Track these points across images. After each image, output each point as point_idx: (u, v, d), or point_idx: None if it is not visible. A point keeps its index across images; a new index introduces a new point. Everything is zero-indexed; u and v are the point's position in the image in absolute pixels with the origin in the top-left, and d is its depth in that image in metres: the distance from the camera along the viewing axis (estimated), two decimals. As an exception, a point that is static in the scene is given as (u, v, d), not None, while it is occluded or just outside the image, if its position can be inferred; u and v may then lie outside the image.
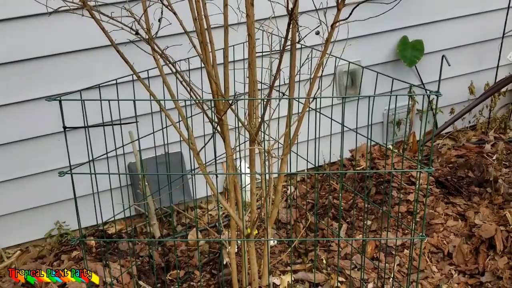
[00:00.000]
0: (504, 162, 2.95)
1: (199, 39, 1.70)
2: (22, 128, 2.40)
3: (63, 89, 2.24)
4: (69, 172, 1.67)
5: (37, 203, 2.58)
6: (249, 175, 2.03)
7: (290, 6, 1.50)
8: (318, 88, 1.74)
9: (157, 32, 1.62)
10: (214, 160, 2.11)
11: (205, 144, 1.82)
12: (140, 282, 2.27)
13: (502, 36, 3.29)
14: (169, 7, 1.61)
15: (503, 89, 3.36)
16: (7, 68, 2.28)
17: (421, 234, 1.83)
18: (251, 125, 1.82)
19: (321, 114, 2.12)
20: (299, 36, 1.65)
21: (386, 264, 2.33)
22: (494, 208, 2.59)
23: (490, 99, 3.38)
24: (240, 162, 2.47)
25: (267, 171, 1.84)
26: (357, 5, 1.52)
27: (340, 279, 2.28)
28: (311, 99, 1.78)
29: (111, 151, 1.90)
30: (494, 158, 2.99)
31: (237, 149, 2.13)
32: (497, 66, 3.36)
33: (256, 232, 2.58)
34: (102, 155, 1.85)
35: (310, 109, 1.98)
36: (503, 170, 2.87)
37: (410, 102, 3.13)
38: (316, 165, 2.38)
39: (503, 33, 3.28)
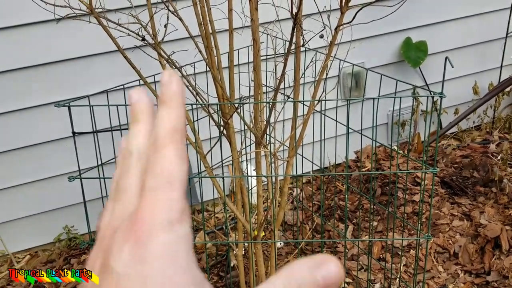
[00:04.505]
0: (509, 162, 2.96)
1: (205, 44, 1.73)
2: (31, 134, 2.43)
3: (71, 95, 2.27)
4: (79, 176, 1.69)
5: (46, 208, 2.61)
6: (255, 177, 2.05)
7: (294, 10, 1.52)
8: (323, 90, 1.76)
9: (163, 38, 1.64)
10: (220, 163, 2.13)
11: (212, 148, 1.84)
12: (149, 285, 2.28)
13: (505, 36, 3.30)
14: (175, 13, 1.64)
15: (507, 89, 3.37)
16: (15, 75, 2.32)
17: (427, 234, 1.85)
18: (256, 128, 1.84)
19: (326, 116, 2.14)
20: (303, 40, 1.67)
21: (393, 265, 2.35)
22: (500, 207, 2.60)
23: (495, 99, 3.39)
24: (247, 165, 2.49)
25: (273, 173, 1.86)
26: (361, 9, 1.54)
27: (347, 280, 2.30)
28: (316, 102, 1.80)
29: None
30: (499, 158, 3.00)
31: (243, 152, 2.15)
32: (501, 66, 3.37)
33: (263, 234, 2.60)
34: (111, 160, 1.88)
35: (315, 111, 2.00)
36: (508, 169, 2.88)
37: (414, 103, 3.14)
38: (322, 167, 2.39)
39: (507, 33, 3.29)
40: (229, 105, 1.79)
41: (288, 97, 1.96)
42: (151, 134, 0.33)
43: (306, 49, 2.17)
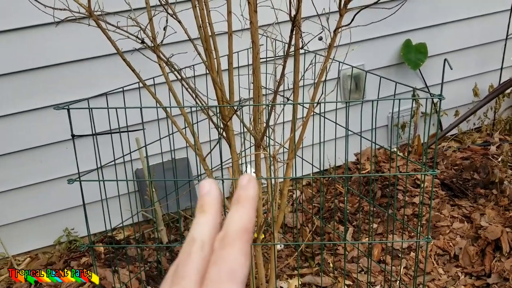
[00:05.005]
0: (509, 164, 2.95)
1: (204, 46, 1.73)
2: (31, 137, 2.44)
3: (70, 97, 2.27)
4: (78, 179, 1.69)
5: (45, 211, 2.61)
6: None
7: (293, 12, 1.53)
8: (322, 92, 1.76)
9: (162, 41, 1.64)
10: (220, 166, 2.13)
11: (211, 150, 1.84)
12: (149, 288, 2.29)
13: (505, 38, 3.30)
14: (174, 15, 1.64)
15: (508, 91, 3.37)
16: (15, 78, 2.32)
17: (427, 236, 1.84)
18: (256, 130, 1.84)
19: (325, 119, 2.14)
20: (302, 42, 1.67)
21: (393, 267, 2.34)
22: (500, 209, 2.59)
23: (495, 100, 3.38)
24: (246, 167, 2.49)
25: (272, 175, 1.86)
26: (359, 11, 1.54)
27: (347, 282, 2.29)
28: (315, 104, 1.80)
29: (119, 158, 1.93)
30: (499, 159, 3.00)
31: (243, 154, 2.15)
32: (501, 68, 3.37)
33: (263, 236, 2.60)
34: (110, 162, 1.88)
35: (314, 113, 2.00)
36: (508, 171, 2.88)
37: (414, 105, 3.14)
38: (322, 169, 2.39)
39: (507, 35, 3.29)
40: (228, 107, 1.79)
41: (288, 99, 1.96)
42: (218, 227, 0.35)
43: (305, 51, 2.18)
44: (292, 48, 1.63)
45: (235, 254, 0.33)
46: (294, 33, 1.58)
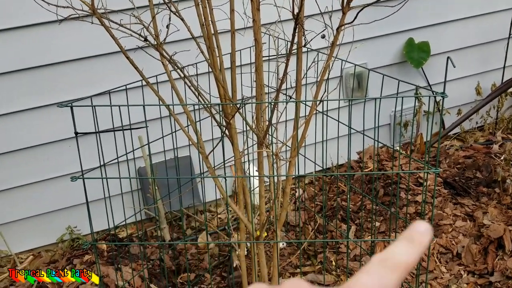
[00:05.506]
0: (512, 162, 2.95)
1: (207, 44, 1.73)
2: (34, 135, 2.44)
3: (73, 95, 2.28)
4: (81, 177, 1.70)
5: (48, 209, 2.62)
6: (257, 178, 2.05)
7: (296, 10, 1.53)
8: (325, 91, 1.76)
9: (165, 38, 1.64)
10: (222, 164, 2.13)
11: (214, 148, 1.84)
12: (152, 285, 2.29)
13: (508, 37, 3.29)
14: (177, 13, 1.64)
15: (510, 89, 3.36)
16: (18, 76, 2.32)
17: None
18: (259, 128, 1.84)
19: (328, 117, 2.14)
20: (305, 40, 1.67)
21: (395, 265, 2.34)
22: (503, 208, 2.59)
23: (497, 99, 3.38)
24: (249, 165, 2.49)
25: (275, 173, 1.86)
26: (362, 9, 1.54)
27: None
28: (318, 102, 1.80)
29: (122, 155, 1.93)
30: (502, 158, 2.99)
31: (246, 152, 2.15)
32: (504, 67, 3.36)
33: (265, 234, 2.60)
34: (113, 160, 1.88)
35: (317, 111, 2.00)
36: (511, 170, 2.87)
37: (416, 104, 3.14)
38: (324, 167, 2.39)
39: (509, 34, 3.28)
40: (231, 105, 1.79)
41: (290, 97, 1.96)
42: (408, 264, 0.37)
43: (308, 49, 2.18)
44: (295, 46, 1.64)
45: (394, 279, 0.35)
46: (296, 31, 1.58)
